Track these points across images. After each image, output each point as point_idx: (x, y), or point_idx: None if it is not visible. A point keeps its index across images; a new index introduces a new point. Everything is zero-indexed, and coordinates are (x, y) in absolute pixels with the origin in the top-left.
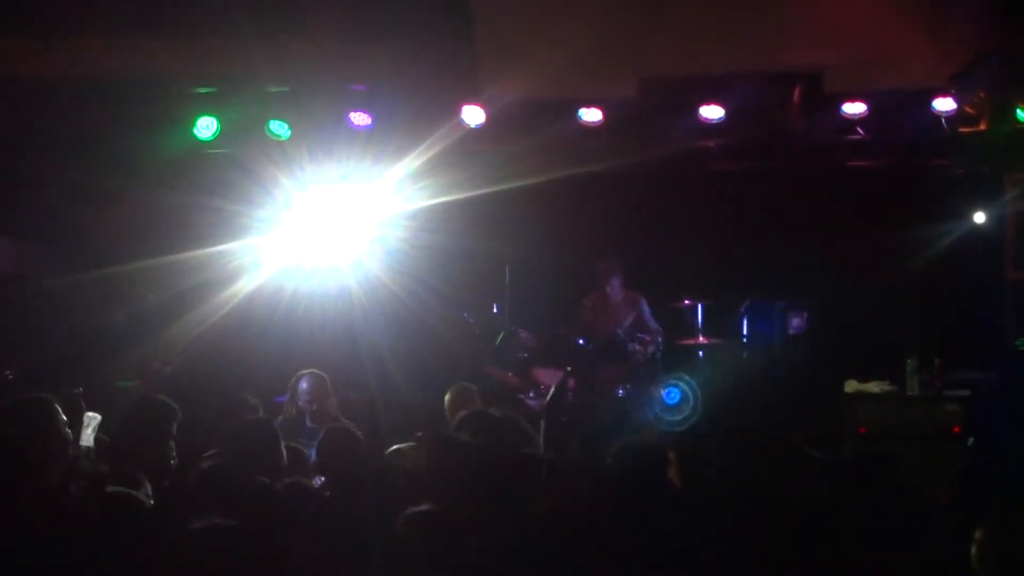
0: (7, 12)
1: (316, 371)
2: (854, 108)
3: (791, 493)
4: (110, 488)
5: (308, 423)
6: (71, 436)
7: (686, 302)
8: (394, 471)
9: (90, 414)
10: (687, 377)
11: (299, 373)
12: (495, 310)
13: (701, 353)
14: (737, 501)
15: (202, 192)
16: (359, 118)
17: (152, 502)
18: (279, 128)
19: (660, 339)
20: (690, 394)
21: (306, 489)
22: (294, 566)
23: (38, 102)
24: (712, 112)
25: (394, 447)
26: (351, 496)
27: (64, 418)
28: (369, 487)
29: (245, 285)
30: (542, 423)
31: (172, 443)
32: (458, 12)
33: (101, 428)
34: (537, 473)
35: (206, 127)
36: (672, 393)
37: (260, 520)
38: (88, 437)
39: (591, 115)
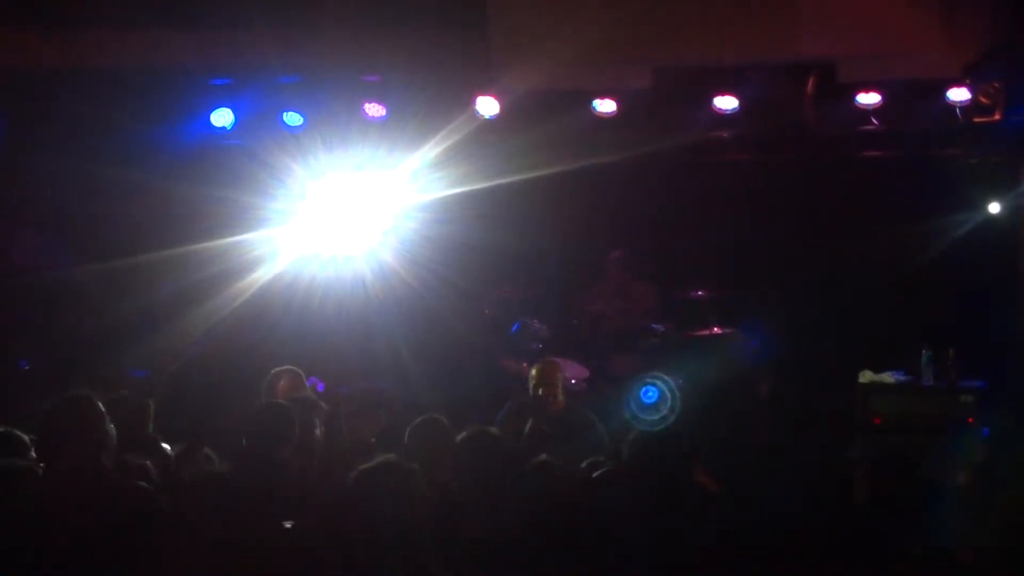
0: (23, 4)
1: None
2: (868, 98)
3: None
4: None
5: None
6: (114, 432)
7: (699, 293)
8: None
9: None
10: (665, 376)
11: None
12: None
13: (714, 344)
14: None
15: (217, 183)
16: (373, 109)
17: None
18: (293, 119)
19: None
20: (668, 393)
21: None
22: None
23: (54, 94)
24: (726, 103)
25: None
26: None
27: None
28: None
29: (261, 275)
30: None
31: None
32: (472, 2)
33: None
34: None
35: (221, 118)
36: (650, 392)
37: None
38: None
39: (605, 106)
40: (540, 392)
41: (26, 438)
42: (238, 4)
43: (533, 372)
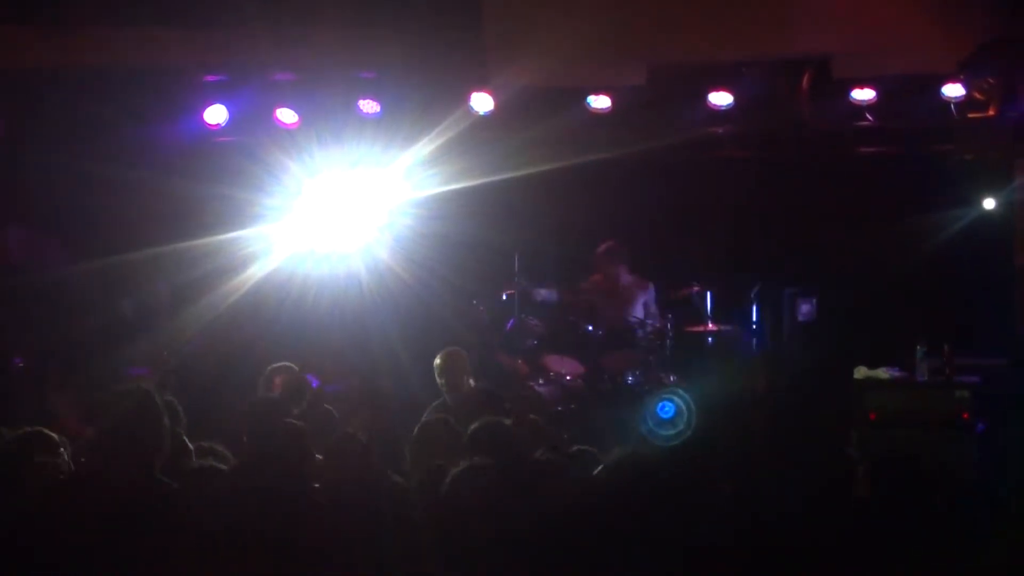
0: (20, 2)
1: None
2: (863, 94)
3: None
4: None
5: None
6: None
7: (695, 289)
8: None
9: None
10: (681, 391)
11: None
12: (503, 297)
13: (710, 340)
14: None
15: (212, 180)
16: (368, 105)
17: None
18: (288, 116)
19: (669, 327)
20: (684, 408)
21: None
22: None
23: (49, 91)
24: (721, 99)
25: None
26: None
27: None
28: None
29: (256, 272)
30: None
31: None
32: None
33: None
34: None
35: (216, 115)
36: (666, 407)
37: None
38: None
39: (600, 102)
40: (441, 382)
41: (56, 438)
42: (233, 1)
43: (437, 361)
